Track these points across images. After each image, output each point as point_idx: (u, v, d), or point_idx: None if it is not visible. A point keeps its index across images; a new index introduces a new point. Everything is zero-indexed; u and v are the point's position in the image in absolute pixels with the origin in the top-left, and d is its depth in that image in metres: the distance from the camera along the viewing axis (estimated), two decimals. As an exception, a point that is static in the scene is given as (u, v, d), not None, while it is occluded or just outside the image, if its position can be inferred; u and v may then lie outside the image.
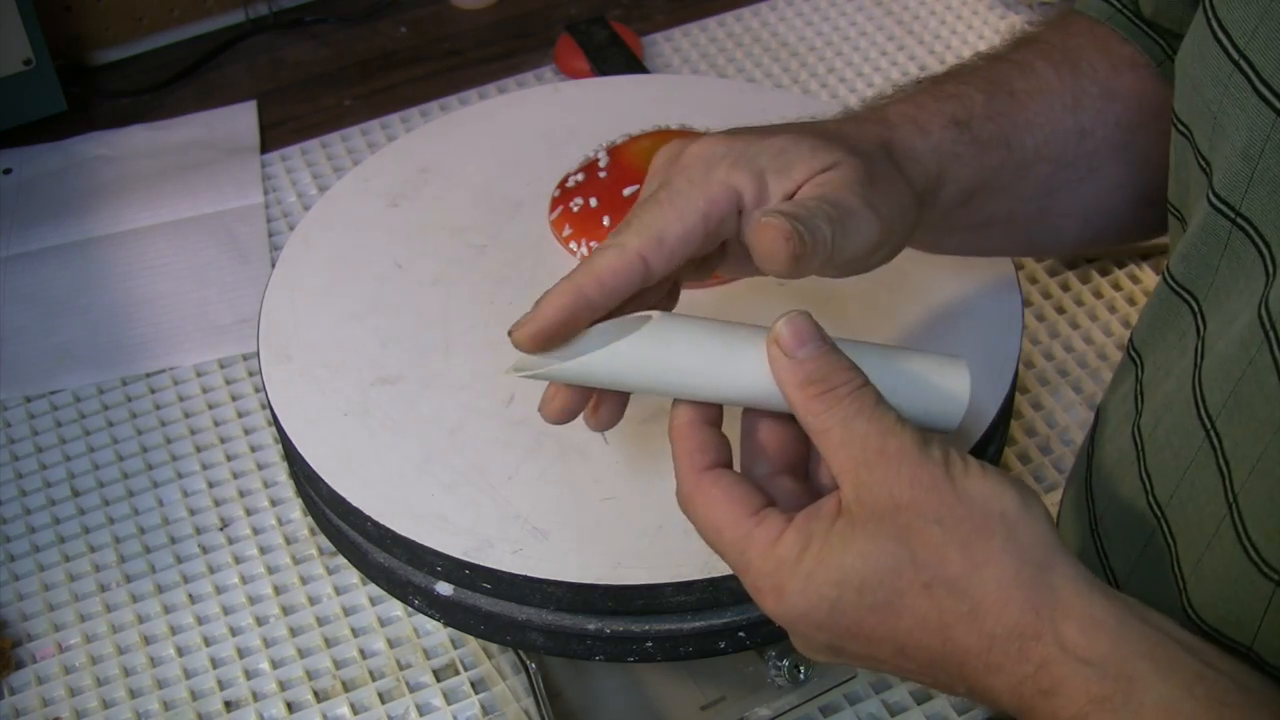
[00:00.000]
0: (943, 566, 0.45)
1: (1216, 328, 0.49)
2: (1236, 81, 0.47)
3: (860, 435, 0.46)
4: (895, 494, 0.45)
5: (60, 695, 0.77)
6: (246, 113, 1.12)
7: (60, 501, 0.86)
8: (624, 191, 0.68)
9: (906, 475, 0.45)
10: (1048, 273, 0.97)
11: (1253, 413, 0.46)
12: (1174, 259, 0.53)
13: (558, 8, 1.21)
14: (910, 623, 0.46)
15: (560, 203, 0.73)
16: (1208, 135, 0.50)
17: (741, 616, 0.61)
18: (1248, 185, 0.47)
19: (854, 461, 0.46)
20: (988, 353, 0.67)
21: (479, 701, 0.76)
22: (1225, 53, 0.48)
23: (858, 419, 0.46)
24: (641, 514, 0.62)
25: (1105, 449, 0.58)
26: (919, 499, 0.45)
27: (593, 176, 0.72)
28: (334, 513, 0.65)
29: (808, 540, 0.47)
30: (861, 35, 1.17)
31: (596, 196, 0.70)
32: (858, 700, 0.75)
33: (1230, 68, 0.48)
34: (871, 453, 0.46)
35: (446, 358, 0.69)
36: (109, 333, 0.95)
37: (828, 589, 0.46)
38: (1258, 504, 0.46)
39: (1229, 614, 0.49)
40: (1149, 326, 0.56)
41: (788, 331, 0.47)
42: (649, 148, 0.69)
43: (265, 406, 0.90)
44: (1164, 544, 0.52)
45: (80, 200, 1.04)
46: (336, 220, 0.77)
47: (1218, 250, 0.49)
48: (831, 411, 0.46)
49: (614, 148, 0.74)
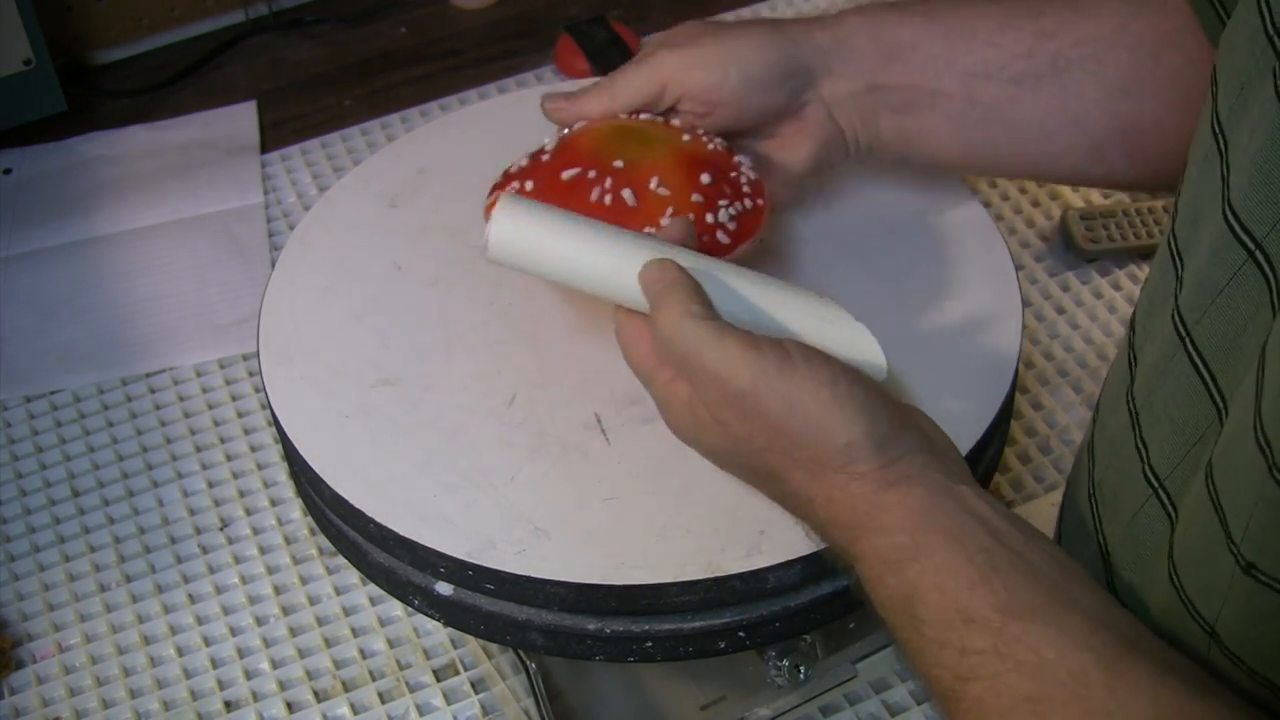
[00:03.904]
0: (784, 477, 0.54)
1: (1191, 296, 0.50)
2: (1267, 57, 0.47)
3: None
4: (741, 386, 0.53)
5: (60, 695, 0.77)
6: (246, 113, 1.12)
7: (60, 501, 0.86)
8: (562, 175, 0.65)
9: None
10: (1048, 273, 0.97)
11: (1238, 377, 0.47)
12: (1179, 222, 0.53)
13: (558, 8, 1.21)
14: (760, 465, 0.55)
15: (497, 189, 0.68)
16: (1229, 103, 0.50)
17: (741, 616, 0.61)
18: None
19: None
20: (988, 353, 0.67)
21: (479, 701, 0.76)
22: (1263, 25, 0.48)
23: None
24: (643, 514, 0.62)
25: (1106, 417, 0.59)
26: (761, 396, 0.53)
27: (536, 162, 0.68)
28: (335, 514, 0.65)
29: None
30: (861, 35, 1.17)
31: (533, 180, 0.66)
32: (858, 700, 0.75)
33: (1265, 42, 0.47)
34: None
35: (447, 358, 0.69)
36: (109, 333, 0.95)
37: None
38: (1228, 478, 0.46)
39: (1201, 586, 0.49)
40: (1147, 296, 0.56)
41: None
42: (599, 133, 0.67)
43: (265, 407, 0.90)
44: (1160, 512, 0.52)
45: (80, 200, 1.04)
46: (336, 221, 0.77)
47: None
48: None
49: (564, 136, 0.69)
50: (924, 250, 0.73)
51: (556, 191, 0.64)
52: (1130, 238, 0.97)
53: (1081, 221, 0.97)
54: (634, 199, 0.62)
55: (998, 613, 0.48)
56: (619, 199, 0.62)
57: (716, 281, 0.56)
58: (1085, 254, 0.97)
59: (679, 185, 0.63)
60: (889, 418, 0.53)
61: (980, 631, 0.48)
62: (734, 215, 0.63)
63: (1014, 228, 1.00)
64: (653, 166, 0.64)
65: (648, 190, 0.63)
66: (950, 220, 0.73)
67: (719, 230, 0.63)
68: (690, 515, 0.61)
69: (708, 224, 0.62)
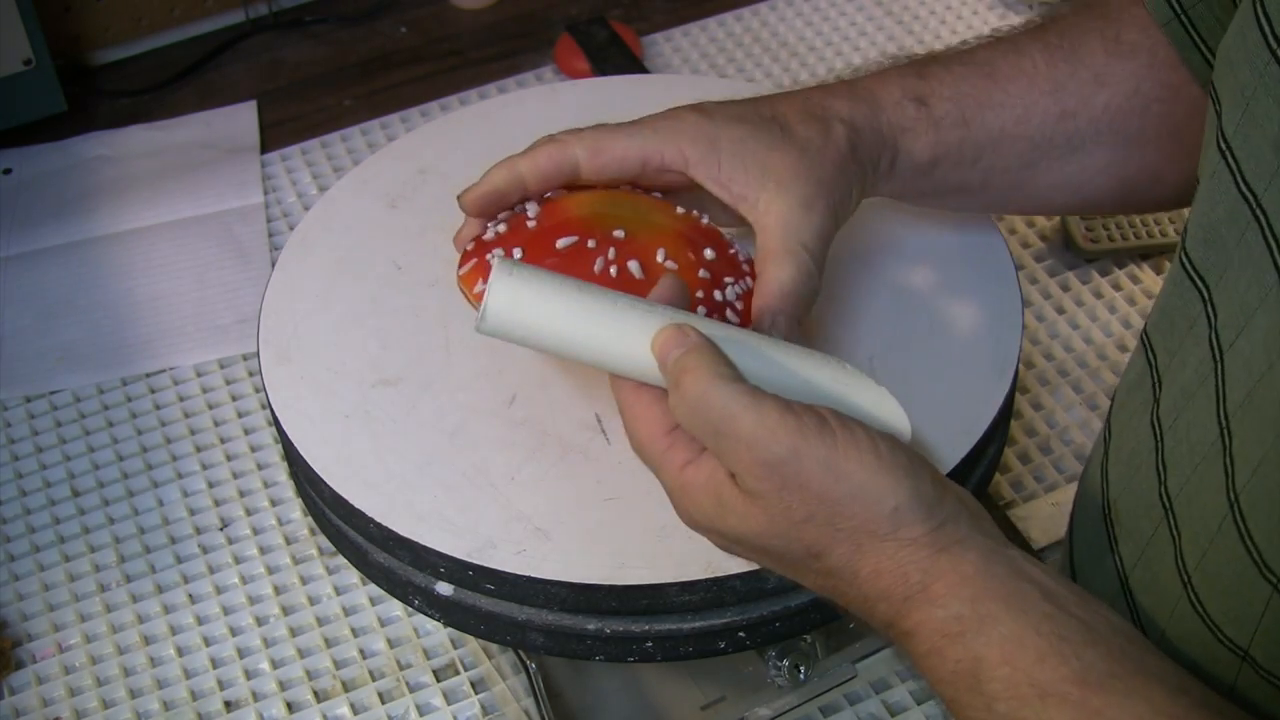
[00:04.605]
0: (826, 548, 0.50)
1: (1230, 320, 0.49)
2: (1273, 70, 0.47)
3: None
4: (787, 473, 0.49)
5: (60, 695, 0.77)
6: (246, 113, 1.12)
7: (60, 501, 0.86)
8: (557, 243, 0.59)
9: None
10: (1048, 273, 0.97)
11: (1263, 414, 0.46)
12: (1191, 241, 0.53)
13: (558, 8, 1.21)
14: (799, 547, 0.51)
15: (474, 255, 0.61)
16: (1236, 118, 0.49)
17: (741, 616, 0.61)
18: (1271, 177, 0.47)
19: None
20: (988, 353, 0.67)
21: (479, 701, 0.76)
22: (1264, 39, 0.48)
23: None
24: (644, 514, 0.62)
25: (1123, 436, 0.58)
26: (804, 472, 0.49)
27: (518, 227, 0.61)
28: (335, 514, 0.65)
29: (718, 488, 0.51)
30: (861, 35, 1.17)
31: (522, 247, 0.60)
32: (858, 700, 0.75)
33: (1268, 55, 0.47)
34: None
35: (447, 359, 0.69)
36: (109, 333, 0.95)
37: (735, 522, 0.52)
38: (1259, 505, 0.46)
39: (1230, 611, 0.49)
40: (1160, 311, 0.56)
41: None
42: (588, 200, 0.61)
43: (265, 407, 0.90)
44: (1169, 536, 0.52)
45: (80, 200, 1.04)
46: (336, 221, 0.77)
47: (1235, 239, 0.49)
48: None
49: (547, 200, 0.63)
50: (923, 250, 0.73)
51: (552, 261, 0.58)
52: (1130, 238, 0.97)
53: (1081, 221, 0.97)
54: (641, 272, 0.58)
55: (1074, 685, 0.46)
56: (625, 271, 0.58)
57: (739, 346, 0.53)
58: (1085, 254, 0.97)
59: (685, 260, 0.60)
60: (931, 479, 0.51)
61: (1059, 706, 0.46)
62: (739, 295, 0.60)
63: (1014, 228, 1.00)
64: (656, 238, 0.60)
65: (655, 263, 0.59)
66: (950, 220, 0.73)
67: (728, 309, 0.59)
68: (690, 515, 0.61)
69: (716, 302, 0.59)
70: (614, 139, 0.61)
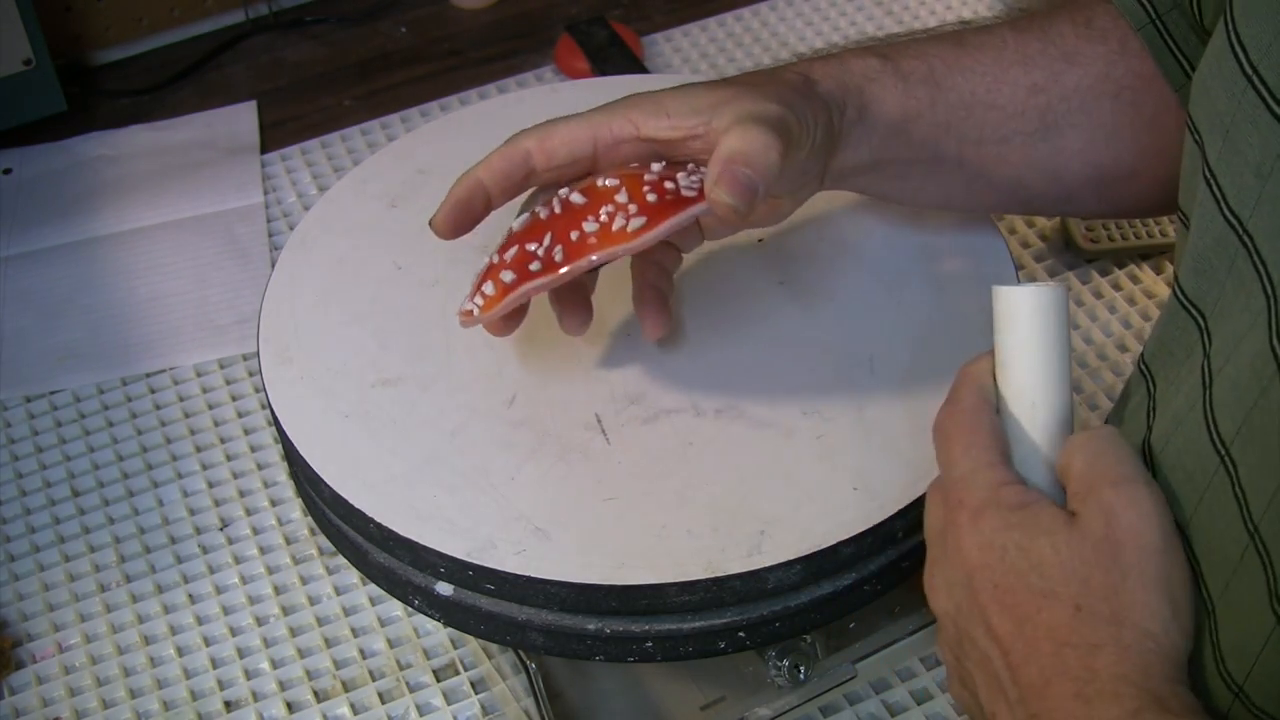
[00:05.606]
0: (1105, 605, 0.48)
1: (1221, 346, 0.49)
2: (1250, 98, 0.47)
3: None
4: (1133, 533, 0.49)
5: (60, 695, 0.77)
6: (246, 113, 1.12)
7: (60, 501, 0.86)
8: (513, 226, 0.61)
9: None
10: (1048, 273, 0.97)
11: (1266, 444, 0.46)
12: (1183, 272, 0.53)
13: (558, 8, 1.21)
14: (1041, 621, 0.49)
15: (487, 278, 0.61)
16: (1217, 147, 0.49)
17: (741, 616, 0.61)
18: (1255, 203, 0.47)
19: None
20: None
21: (479, 701, 0.76)
22: (1240, 67, 0.48)
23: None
24: (644, 514, 0.62)
25: None
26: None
27: (497, 260, 0.62)
28: (335, 514, 0.65)
29: (1026, 501, 0.51)
30: (861, 35, 1.17)
31: (510, 270, 0.61)
32: (858, 700, 0.75)
33: (1244, 83, 0.47)
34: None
35: (447, 359, 0.69)
36: (109, 332, 0.96)
37: (1009, 542, 0.50)
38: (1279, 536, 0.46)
39: (1234, 643, 0.48)
40: (1158, 341, 0.55)
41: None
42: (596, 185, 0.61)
43: (265, 407, 0.90)
44: (1189, 562, 0.51)
45: (80, 200, 1.04)
46: (336, 221, 0.77)
47: (1225, 267, 0.49)
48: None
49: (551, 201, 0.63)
50: (924, 250, 0.73)
51: (518, 250, 0.60)
52: (1130, 238, 0.97)
53: (1081, 221, 0.97)
54: (582, 197, 0.60)
55: None
56: (567, 202, 0.60)
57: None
58: (1085, 254, 0.97)
59: (629, 175, 0.60)
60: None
61: None
62: (696, 183, 0.59)
63: (1014, 228, 1.00)
64: (600, 178, 0.61)
65: (595, 187, 0.60)
66: (950, 219, 0.73)
67: (682, 190, 0.59)
68: (690, 515, 0.61)
69: (667, 189, 0.59)
70: (560, 123, 0.62)
